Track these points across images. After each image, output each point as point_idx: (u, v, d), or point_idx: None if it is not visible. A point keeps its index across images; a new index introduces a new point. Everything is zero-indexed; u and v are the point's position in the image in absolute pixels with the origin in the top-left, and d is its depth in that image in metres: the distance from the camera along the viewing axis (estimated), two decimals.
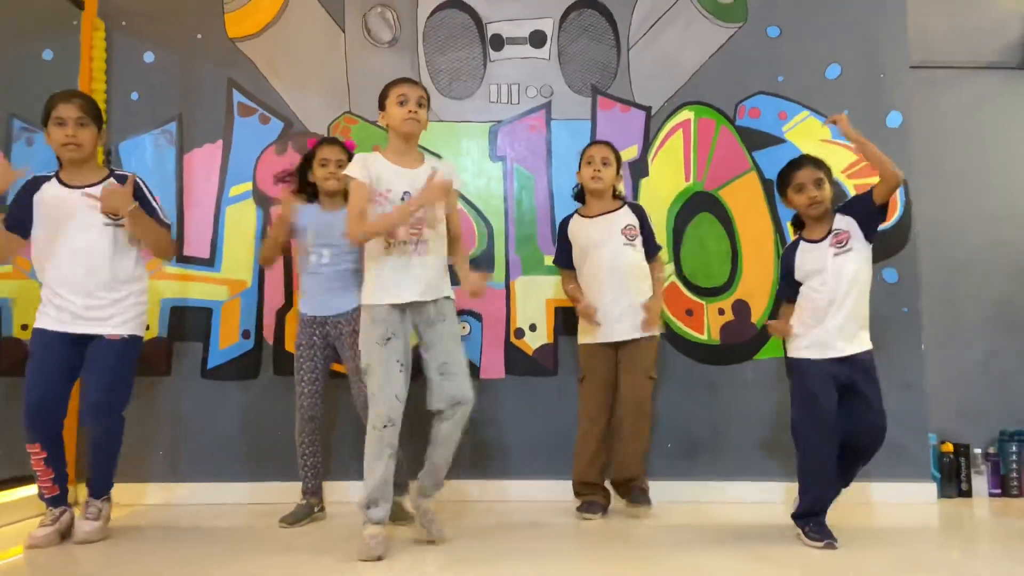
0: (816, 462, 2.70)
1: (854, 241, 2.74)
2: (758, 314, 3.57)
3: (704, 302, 3.60)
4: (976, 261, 3.88)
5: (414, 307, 2.64)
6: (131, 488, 3.39)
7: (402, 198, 2.62)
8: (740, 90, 3.67)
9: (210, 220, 3.58)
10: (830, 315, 2.72)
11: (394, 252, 2.61)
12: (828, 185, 2.80)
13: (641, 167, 3.64)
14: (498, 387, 3.53)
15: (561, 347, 3.56)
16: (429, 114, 2.79)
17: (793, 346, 2.82)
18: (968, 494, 3.62)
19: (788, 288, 2.89)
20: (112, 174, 2.81)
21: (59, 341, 2.70)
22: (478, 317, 3.57)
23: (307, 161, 3.12)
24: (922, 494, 3.42)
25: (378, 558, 2.47)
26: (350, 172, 2.63)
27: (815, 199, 2.76)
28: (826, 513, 2.73)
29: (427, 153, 2.86)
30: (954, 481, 3.63)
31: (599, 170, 3.21)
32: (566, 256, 3.31)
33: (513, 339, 3.57)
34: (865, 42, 3.68)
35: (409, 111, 2.64)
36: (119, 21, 3.64)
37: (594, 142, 3.39)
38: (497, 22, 3.72)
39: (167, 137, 3.61)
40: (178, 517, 3.14)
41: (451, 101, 3.66)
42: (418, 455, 2.77)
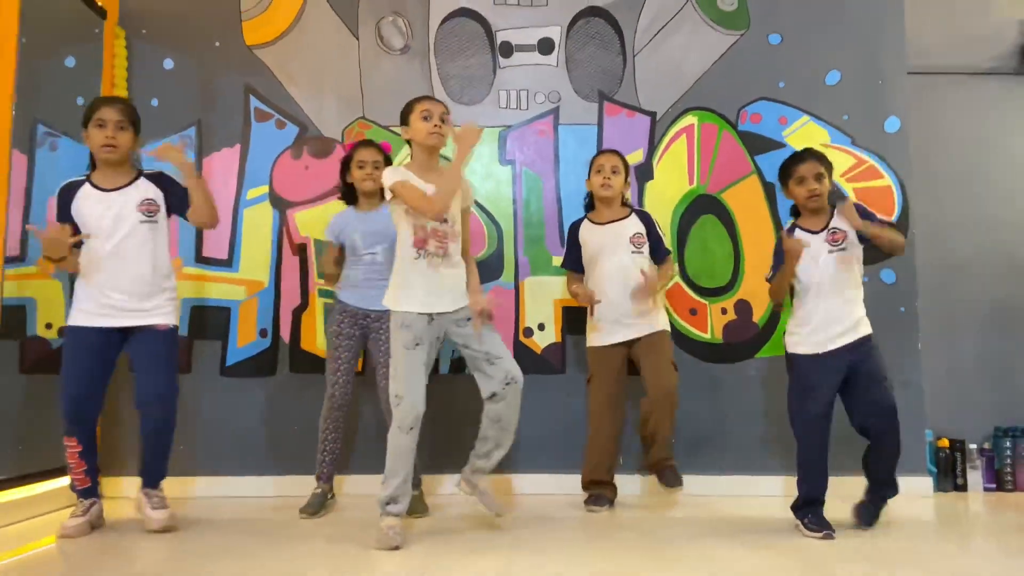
0: (810, 452, 2.82)
1: (849, 242, 2.86)
2: (759, 313, 3.66)
3: (707, 302, 3.69)
4: (972, 262, 3.96)
5: (441, 315, 2.73)
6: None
7: None
8: (742, 96, 3.76)
9: (228, 222, 3.66)
10: (824, 311, 2.83)
11: (423, 262, 2.70)
12: (828, 180, 2.91)
13: (646, 171, 3.73)
14: None
15: (569, 346, 3.65)
16: None
17: (791, 342, 2.93)
18: (963, 488, 3.70)
19: (780, 261, 2.94)
20: (141, 174, 2.90)
21: (96, 336, 2.77)
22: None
23: (346, 164, 3.22)
24: (919, 488, 3.50)
25: (395, 548, 2.57)
26: (391, 179, 2.68)
27: (814, 192, 2.87)
28: (823, 505, 2.83)
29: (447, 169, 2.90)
30: (950, 476, 3.72)
31: (608, 178, 3.28)
32: (575, 259, 3.37)
33: (522, 338, 3.65)
34: (864, 49, 3.76)
35: (434, 125, 2.74)
36: (139, 29, 3.73)
37: (603, 151, 3.44)
38: (506, 30, 3.81)
39: (186, 142, 3.70)
40: (197, 509, 3.22)
41: (462, 107, 3.74)
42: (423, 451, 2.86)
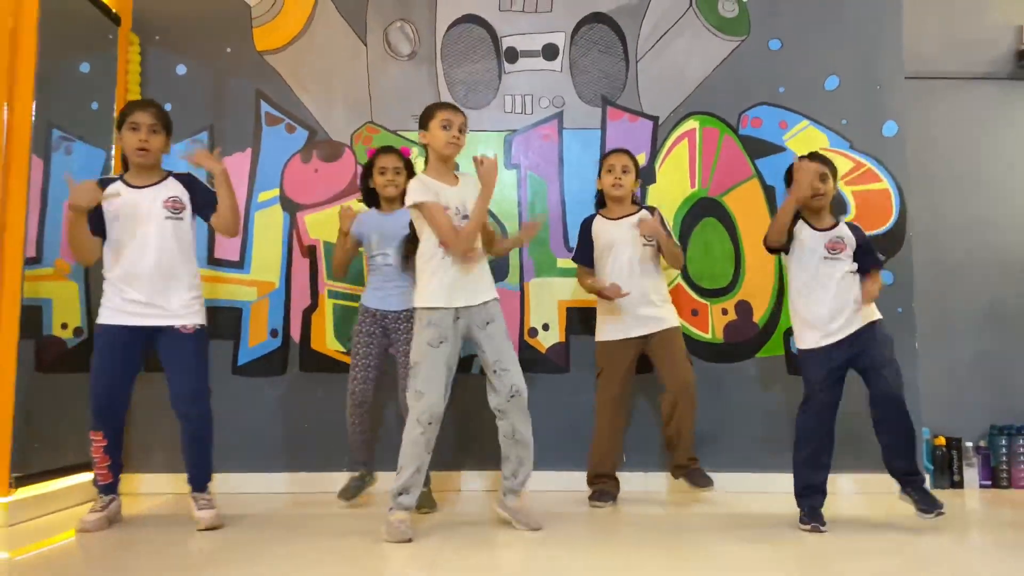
0: (806, 445, 2.93)
1: (847, 254, 2.95)
2: (760, 314, 3.74)
3: (708, 303, 3.76)
4: (968, 264, 4.03)
5: (466, 311, 2.79)
6: (165, 478, 3.56)
7: (454, 212, 2.80)
8: (743, 100, 3.83)
9: (240, 225, 3.72)
10: (825, 313, 2.91)
11: (448, 259, 2.78)
12: (832, 181, 2.99)
13: (649, 174, 3.80)
14: None
15: (573, 345, 3.72)
16: None
17: (798, 340, 3.01)
18: (960, 485, 3.77)
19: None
20: (171, 175, 2.98)
21: (125, 335, 2.83)
22: None
23: (368, 169, 3.31)
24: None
25: (407, 540, 2.65)
26: (419, 199, 2.77)
27: (819, 191, 2.95)
28: (823, 496, 2.92)
29: (459, 173, 2.98)
30: (946, 473, 3.79)
31: (620, 178, 3.35)
32: (587, 254, 3.42)
33: (527, 338, 3.72)
34: (862, 54, 3.83)
35: (453, 136, 2.83)
36: (153, 36, 3.80)
37: (613, 150, 3.48)
38: (511, 36, 3.88)
39: (199, 146, 3.75)
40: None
41: (468, 111, 3.74)
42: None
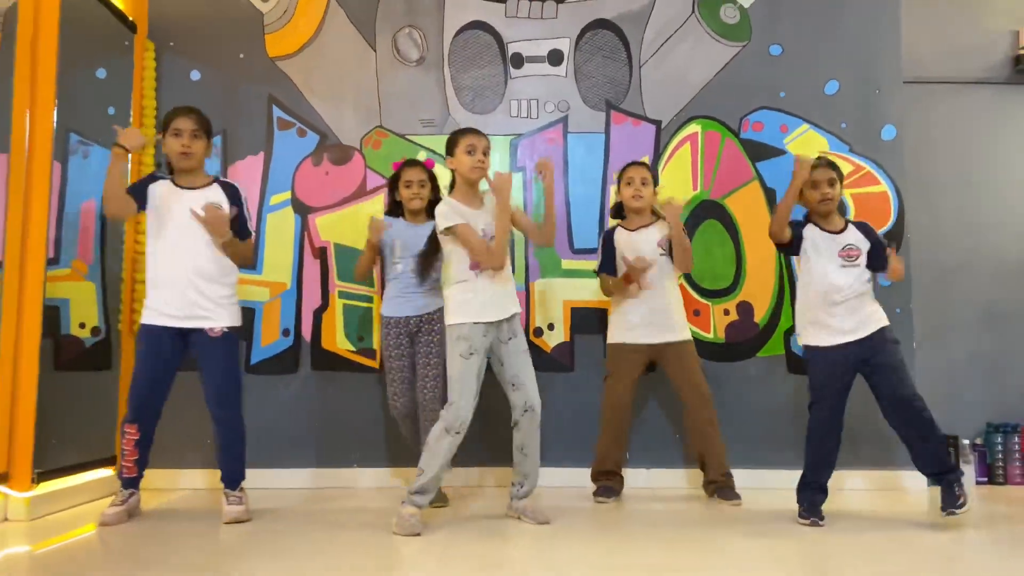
0: (814, 438, 3.01)
1: (862, 260, 3.02)
2: (760, 314, 3.81)
3: (710, 303, 3.83)
4: (965, 265, 4.10)
5: (495, 325, 2.90)
6: (178, 474, 3.65)
7: (481, 234, 2.89)
8: (744, 105, 3.91)
9: (252, 227, 3.81)
10: (838, 312, 2.98)
11: (479, 280, 2.88)
12: (839, 185, 3.06)
13: (652, 177, 3.88)
14: None
15: (578, 345, 3.80)
16: (456, 128, 3.07)
17: (805, 336, 3.08)
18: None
19: (795, 243, 3.07)
20: (216, 180, 3.09)
21: (164, 334, 2.94)
22: None
23: (394, 182, 3.39)
24: (913, 482, 3.63)
25: (416, 534, 2.74)
26: (449, 223, 2.86)
27: (827, 195, 3.02)
28: (824, 493, 3.00)
29: (485, 195, 3.05)
30: None
31: (639, 190, 3.44)
32: (611, 264, 3.49)
33: (532, 338, 3.79)
34: (861, 60, 3.90)
35: (478, 160, 2.91)
36: (168, 42, 3.89)
37: (632, 163, 3.56)
38: (517, 42, 3.97)
39: (213, 150, 3.80)
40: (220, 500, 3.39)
41: (474, 116, 3.89)
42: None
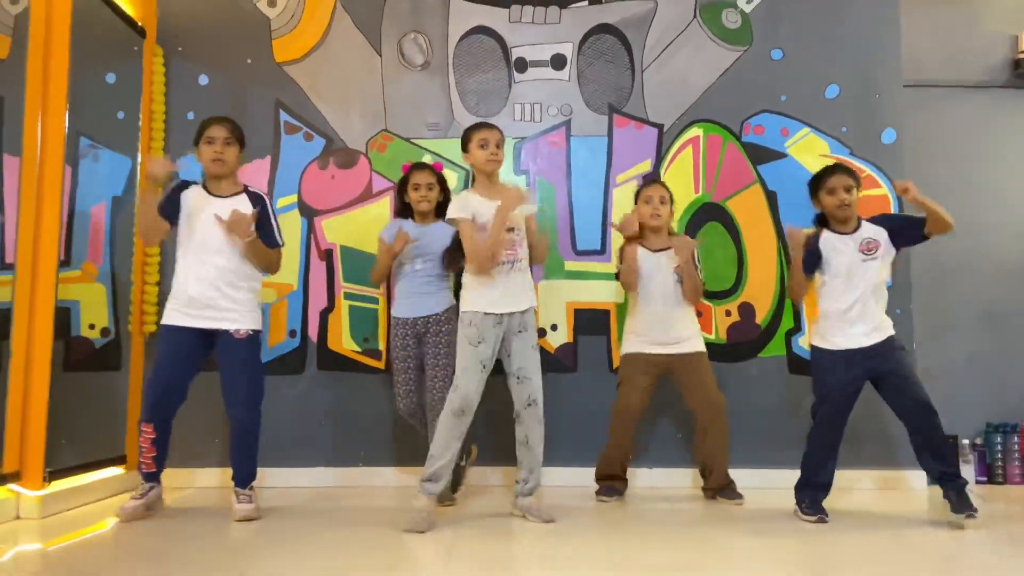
0: (818, 433, 3.05)
1: (882, 250, 3.04)
2: (762, 315, 3.85)
3: (712, 304, 3.87)
4: (964, 266, 4.13)
5: (508, 317, 2.96)
6: (189, 472, 3.68)
7: None
8: (745, 108, 3.95)
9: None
10: (852, 314, 3.01)
11: (495, 271, 2.94)
12: (856, 192, 3.09)
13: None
14: None
15: (581, 346, 3.84)
16: (460, 132, 3.12)
17: (815, 336, 3.12)
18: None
19: (810, 260, 3.11)
20: (246, 189, 3.14)
21: (186, 335, 2.99)
22: None
23: (403, 185, 3.45)
24: (914, 481, 3.67)
25: (421, 532, 2.78)
26: (453, 215, 2.97)
27: (845, 201, 3.05)
28: (825, 491, 3.04)
29: (506, 184, 3.17)
30: None
31: (658, 209, 3.47)
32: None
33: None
34: (862, 64, 3.94)
35: (491, 153, 2.98)
36: (176, 47, 3.94)
37: (650, 182, 3.61)
38: (521, 46, 4.01)
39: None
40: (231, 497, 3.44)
41: (479, 119, 3.90)
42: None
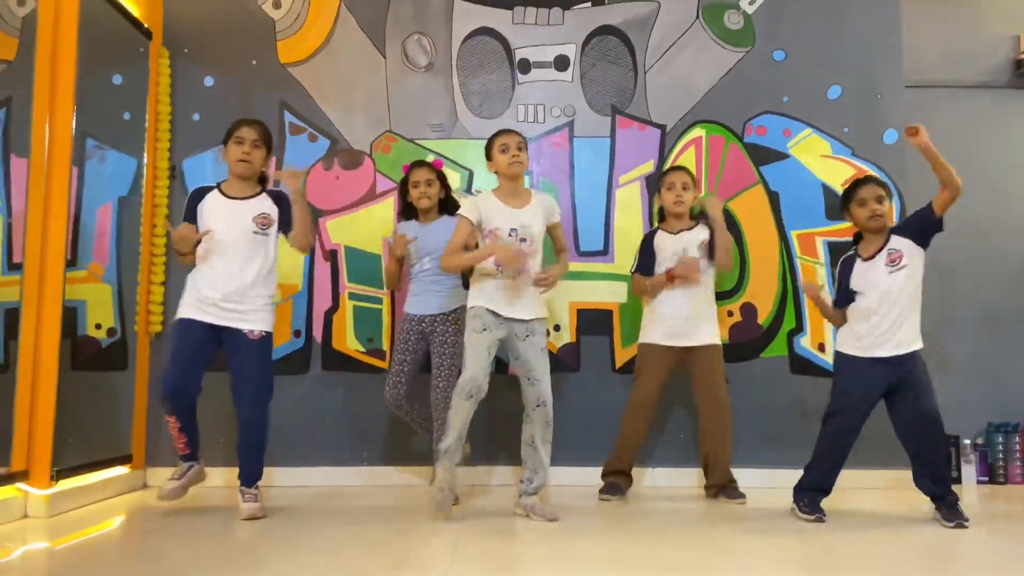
0: (827, 444, 3.06)
1: (908, 258, 3.03)
2: (764, 315, 3.87)
3: (715, 305, 3.88)
4: (967, 267, 4.14)
5: (507, 320, 3.00)
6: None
7: (509, 234, 3.00)
8: (748, 109, 3.97)
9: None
10: (878, 321, 3.02)
11: (502, 277, 2.99)
12: (888, 201, 3.09)
13: (657, 181, 3.93)
14: None
15: (584, 346, 3.87)
16: (464, 133, 3.15)
17: (840, 340, 3.14)
18: (958, 481, 3.88)
19: (842, 298, 3.15)
20: (264, 190, 3.17)
21: (200, 329, 3.01)
22: None
23: (404, 185, 3.47)
24: (911, 480, 3.67)
25: (444, 514, 2.93)
26: (462, 212, 3.05)
27: (876, 212, 3.06)
28: (826, 494, 3.05)
29: (534, 192, 3.20)
30: None
31: (680, 195, 3.48)
32: (649, 266, 3.54)
33: None
34: (863, 64, 3.96)
35: (513, 156, 3.02)
36: (182, 49, 3.96)
37: (672, 168, 3.63)
38: (524, 48, 4.03)
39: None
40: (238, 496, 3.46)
41: (482, 120, 3.95)
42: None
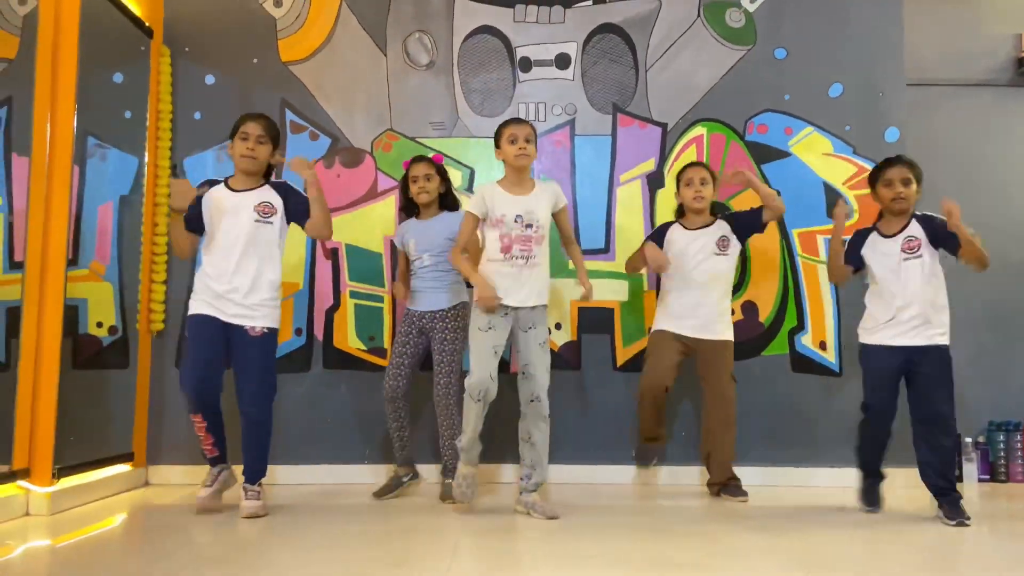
0: (866, 438, 3.15)
1: (924, 249, 3.07)
2: (765, 314, 3.88)
3: None
4: (967, 266, 4.14)
5: (514, 311, 3.01)
6: (195, 470, 3.65)
7: (515, 220, 3.02)
8: (749, 108, 3.97)
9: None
10: (900, 312, 3.05)
11: (507, 265, 3.01)
12: (916, 185, 3.11)
13: (658, 179, 3.95)
14: None
15: (584, 344, 3.87)
16: (465, 131, 3.15)
17: (862, 333, 3.17)
18: (959, 479, 3.88)
19: (851, 256, 3.19)
20: (268, 182, 3.19)
21: (212, 324, 3.02)
22: None
23: (405, 180, 3.48)
24: (918, 479, 3.63)
25: (466, 502, 3.01)
26: (469, 207, 3.10)
27: (900, 195, 3.08)
28: (881, 479, 3.18)
29: (538, 180, 3.23)
30: None
31: (699, 190, 3.48)
32: (657, 240, 3.55)
33: None
34: (865, 63, 3.96)
35: (520, 147, 3.05)
36: (183, 47, 3.96)
37: (691, 164, 3.61)
38: (525, 46, 4.04)
39: (227, 153, 3.89)
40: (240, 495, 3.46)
41: (483, 119, 3.96)
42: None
